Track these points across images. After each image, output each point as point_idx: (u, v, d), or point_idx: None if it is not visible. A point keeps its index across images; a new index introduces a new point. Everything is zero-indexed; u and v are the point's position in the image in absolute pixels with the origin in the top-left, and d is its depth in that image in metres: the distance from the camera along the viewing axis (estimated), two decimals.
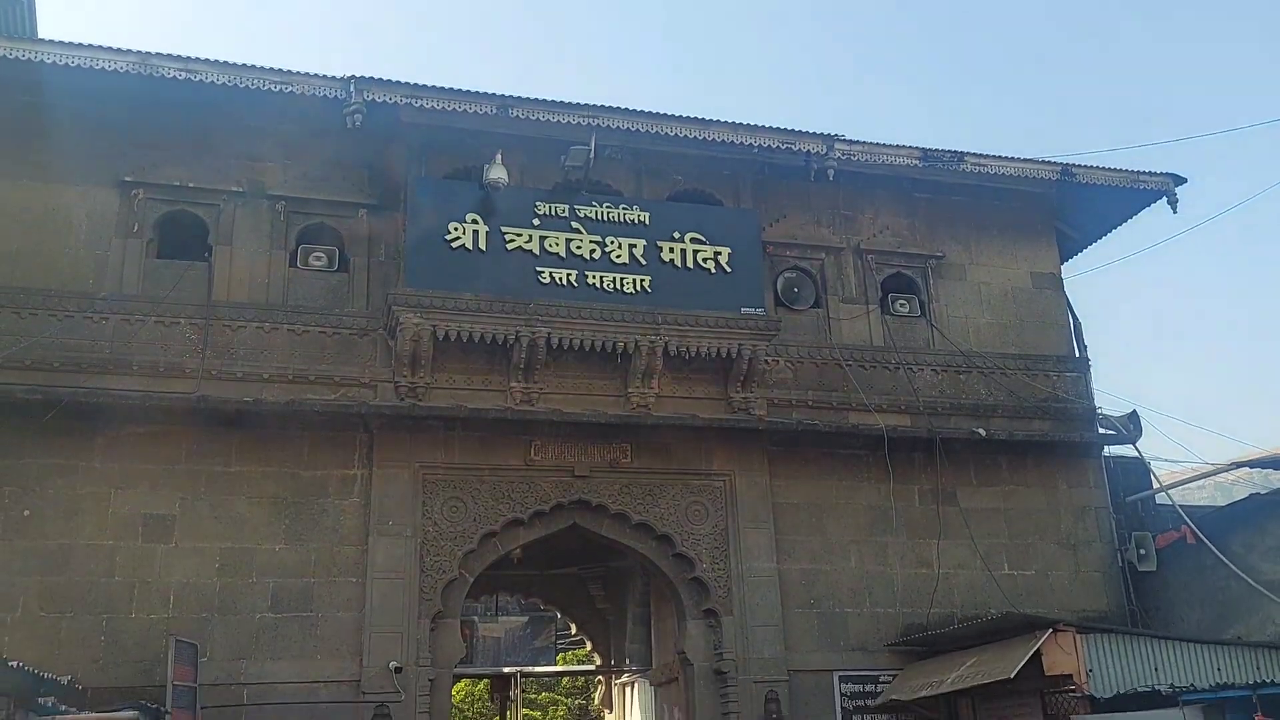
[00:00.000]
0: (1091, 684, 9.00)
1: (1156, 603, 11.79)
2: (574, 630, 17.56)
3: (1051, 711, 10.04)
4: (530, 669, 18.23)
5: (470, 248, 10.62)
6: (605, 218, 11.12)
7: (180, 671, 8.58)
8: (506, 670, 15.95)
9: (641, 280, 11.00)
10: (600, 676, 16.92)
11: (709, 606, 10.89)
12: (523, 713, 15.93)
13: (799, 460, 11.52)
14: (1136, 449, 12.39)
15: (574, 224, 11.01)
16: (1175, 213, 12.55)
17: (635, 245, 11.10)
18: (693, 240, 11.27)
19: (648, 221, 11.23)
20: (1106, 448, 12.50)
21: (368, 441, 10.37)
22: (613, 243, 11.05)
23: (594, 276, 10.89)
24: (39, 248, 10.18)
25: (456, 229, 10.61)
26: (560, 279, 10.79)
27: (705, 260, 11.25)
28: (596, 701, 18.07)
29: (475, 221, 10.69)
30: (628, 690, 15.40)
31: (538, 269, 10.76)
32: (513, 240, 10.79)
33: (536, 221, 10.90)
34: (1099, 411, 12.46)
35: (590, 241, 10.99)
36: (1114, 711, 8.83)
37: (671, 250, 11.19)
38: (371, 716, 9.48)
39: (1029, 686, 9.79)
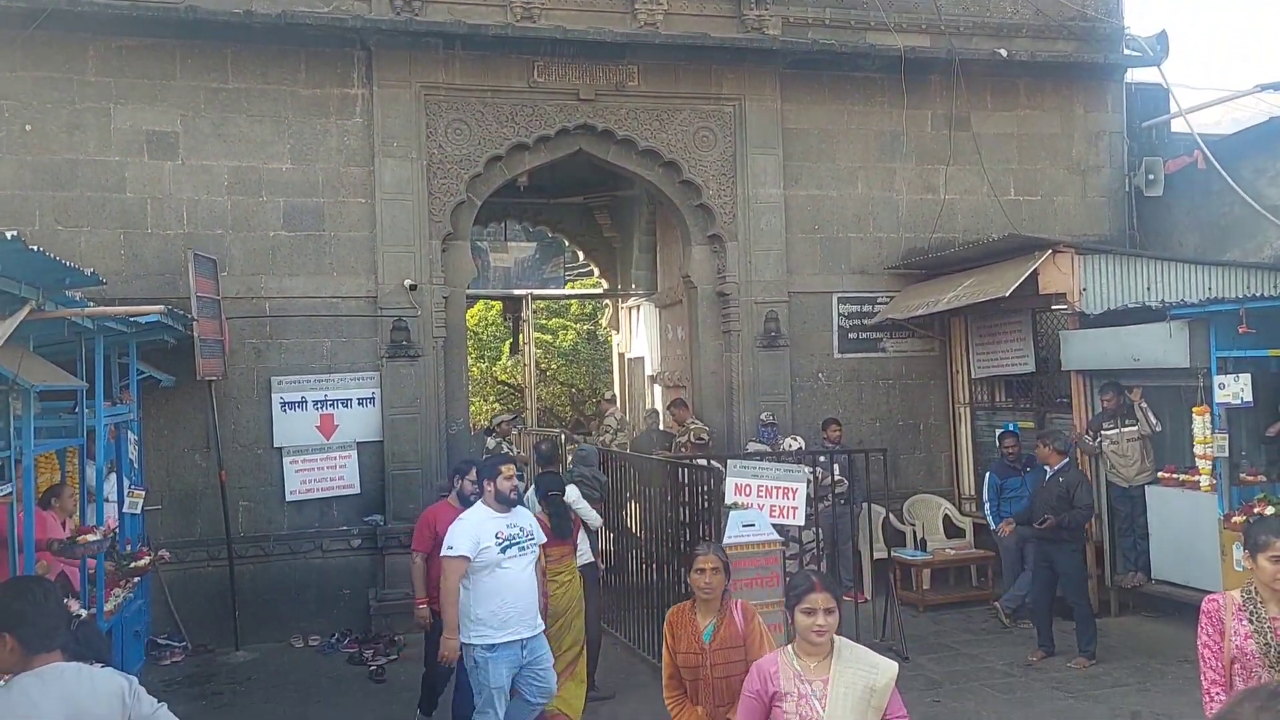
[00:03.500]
0: (1084, 302, 9.28)
1: (1158, 227, 11.88)
2: (581, 258, 17.95)
3: (1041, 329, 10.46)
4: (541, 291, 18.79)
5: None
6: None
7: (201, 283, 8.84)
8: (518, 292, 16.42)
9: None
10: (607, 301, 17.54)
11: (714, 232, 11.02)
12: (534, 336, 16.59)
13: (812, 84, 11.18)
14: (1160, 71, 11.98)
15: None
16: None
17: None
18: None
19: None
20: (1129, 71, 12.06)
21: (366, 59, 10.02)
22: None
23: None
24: None
25: None
26: None
27: None
28: (604, 324, 18.82)
29: None
30: (633, 313, 16.02)
31: None
32: None
33: None
34: (1126, 31, 11.92)
35: None
36: (1102, 327, 9.16)
37: None
38: (390, 329, 9.92)
39: (1022, 305, 10.12)
